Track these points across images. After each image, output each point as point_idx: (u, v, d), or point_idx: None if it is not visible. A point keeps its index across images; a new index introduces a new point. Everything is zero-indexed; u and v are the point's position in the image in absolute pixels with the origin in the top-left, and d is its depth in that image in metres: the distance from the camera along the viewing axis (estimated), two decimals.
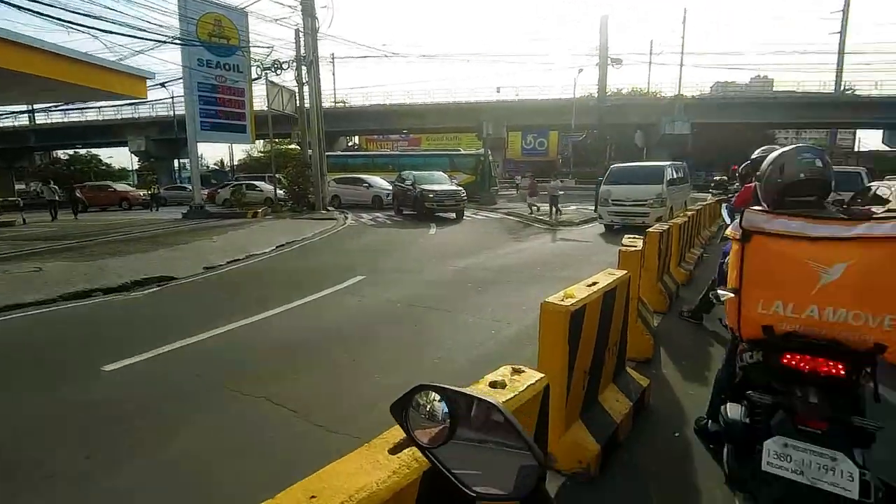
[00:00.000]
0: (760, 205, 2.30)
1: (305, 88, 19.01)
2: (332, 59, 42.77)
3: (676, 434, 2.83)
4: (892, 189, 7.21)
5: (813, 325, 1.76)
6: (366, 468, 1.12)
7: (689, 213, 8.16)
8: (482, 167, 22.98)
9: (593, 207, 14.70)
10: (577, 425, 2.56)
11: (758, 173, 2.42)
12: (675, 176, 13.06)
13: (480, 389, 1.53)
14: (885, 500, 1.62)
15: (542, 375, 1.63)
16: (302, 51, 18.47)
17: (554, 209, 15.00)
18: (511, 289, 6.48)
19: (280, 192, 20.87)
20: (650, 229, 5.52)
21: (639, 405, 3.02)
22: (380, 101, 42.38)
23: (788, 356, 1.80)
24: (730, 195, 7.87)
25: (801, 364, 1.76)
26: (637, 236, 4.63)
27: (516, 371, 1.65)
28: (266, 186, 22.62)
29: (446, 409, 0.61)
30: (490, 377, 1.60)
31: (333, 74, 48.80)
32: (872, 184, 8.61)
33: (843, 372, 1.71)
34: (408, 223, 15.11)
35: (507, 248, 10.06)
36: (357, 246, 11.08)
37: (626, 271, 3.36)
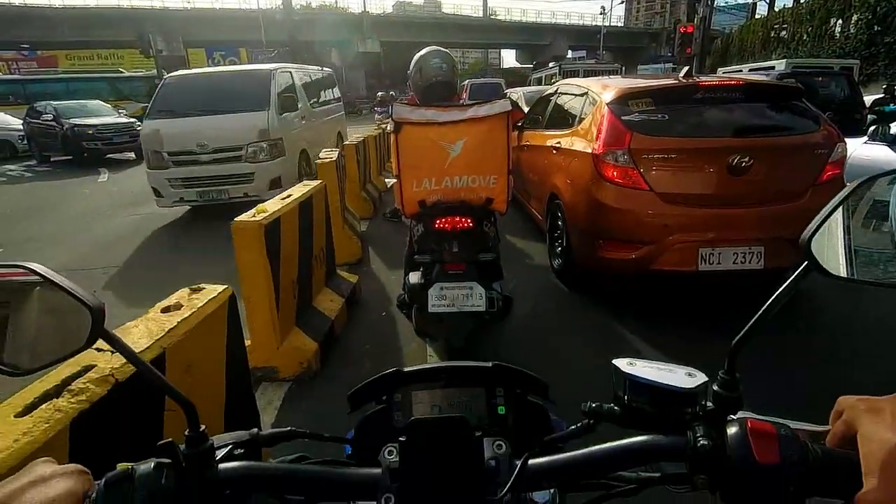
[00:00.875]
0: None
1: None
2: None
3: (384, 314, 3.29)
4: (518, 93, 9.61)
5: (449, 192, 2.23)
6: None
7: (379, 128, 8.15)
8: None
9: None
10: (294, 332, 2.67)
11: (407, 74, 2.75)
12: (296, 92, 6.90)
13: (152, 317, 1.38)
14: (504, 307, 2.31)
15: (224, 287, 1.59)
16: None
17: None
18: (223, 222, 5.89)
19: None
20: (346, 142, 5.77)
21: (351, 300, 3.34)
22: None
23: (438, 221, 2.25)
24: None
25: (446, 225, 2.24)
26: (332, 150, 4.78)
27: (195, 290, 1.56)
28: None
29: None
30: (162, 303, 1.47)
31: None
32: (507, 90, 11.33)
33: (471, 224, 2.25)
34: (63, 173, 11.20)
35: None
36: None
37: (321, 181, 3.47)
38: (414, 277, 2.41)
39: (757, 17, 23.55)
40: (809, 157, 2.90)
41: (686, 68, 3.41)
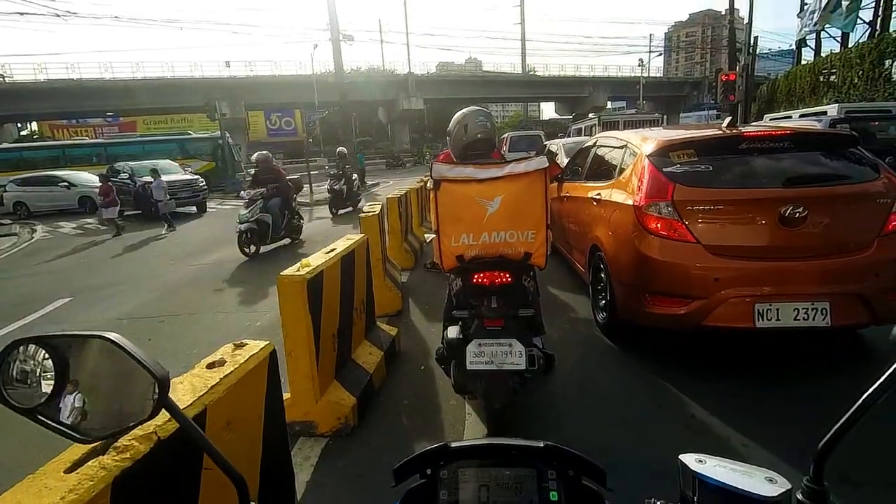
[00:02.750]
0: (453, 160, 2.75)
1: None
2: None
3: (423, 367, 3.25)
4: (558, 144, 9.70)
5: (487, 247, 2.24)
6: (26, 501, 0.93)
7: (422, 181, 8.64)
8: (221, 152, 20.66)
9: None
10: (333, 386, 2.67)
11: (448, 131, 2.86)
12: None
13: (197, 373, 1.43)
14: (545, 365, 2.23)
15: (266, 343, 1.63)
16: None
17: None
18: (270, 277, 6.15)
19: None
20: (389, 196, 5.99)
21: (391, 352, 3.33)
22: (62, 75, 33.00)
23: (476, 276, 2.25)
24: None
25: (484, 280, 2.23)
26: (376, 203, 4.96)
27: (238, 346, 1.60)
28: None
29: (48, 358, 0.53)
30: (208, 359, 1.52)
31: None
32: (547, 143, 11.50)
33: (510, 279, 2.23)
34: (132, 226, 12.38)
35: None
36: (57, 264, 8.66)
37: (363, 235, 3.58)
38: (452, 332, 2.39)
39: (803, 62, 23.14)
40: (871, 206, 2.72)
41: (729, 118, 3.35)
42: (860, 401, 0.42)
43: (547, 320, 2.94)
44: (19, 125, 36.43)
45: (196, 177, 14.94)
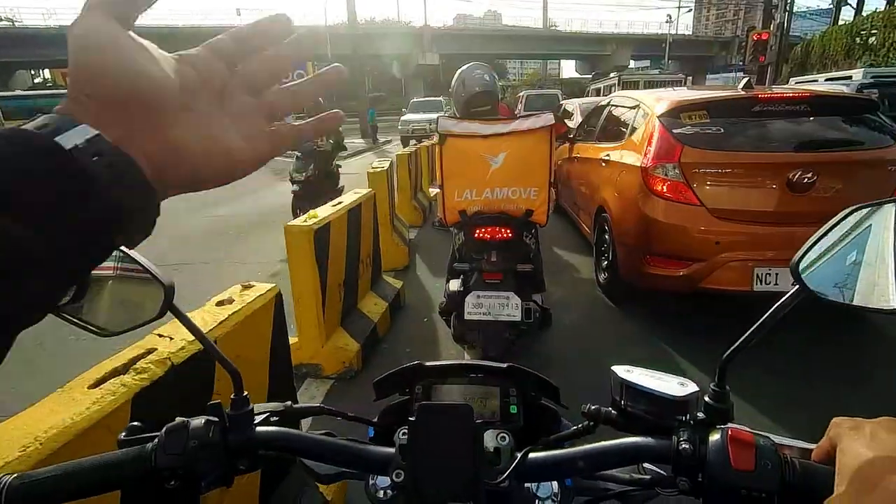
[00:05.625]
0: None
1: None
2: None
3: (426, 319, 3.37)
4: (574, 104, 9.45)
5: (489, 203, 2.28)
6: (56, 410, 1.05)
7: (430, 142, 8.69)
8: None
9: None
10: (339, 332, 2.80)
11: (450, 89, 2.84)
12: None
13: (207, 309, 1.53)
14: (541, 318, 2.31)
15: (273, 286, 1.72)
16: None
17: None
18: (274, 228, 6.27)
19: None
20: (398, 152, 5.98)
21: (396, 305, 3.45)
22: (71, 20, 32.46)
23: (478, 230, 2.30)
24: None
25: (486, 234, 2.28)
26: (385, 159, 4.97)
27: (246, 287, 1.69)
28: None
29: None
30: (217, 297, 1.61)
31: None
32: (563, 101, 11.17)
33: (510, 235, 2.28)
34: None
35: (272, 189, 9.53)
36: None
37: (370, 189, 3.62)
38: (454, 285, 2.47)
39: (841, 22, 21.79)
40: (882, 173, 2.68)
41: (746, 79, 3.26)
42: (757, 323, 0.48)
43: (550, 279, 3.00)
44: (32, 72, 36.25)
45: None
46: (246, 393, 0.59)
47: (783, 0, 18.74)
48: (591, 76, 38.86)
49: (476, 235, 2.30)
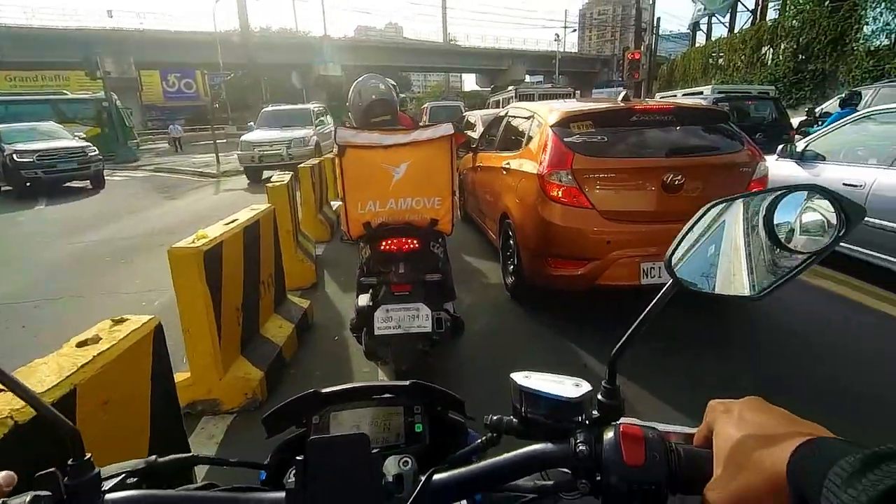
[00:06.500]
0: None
1: None
2: None
3: (336, 338, 3.23)
4: (476, 115, 9.82)
5: (394, 214, 2.24)
6: None
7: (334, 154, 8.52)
8: (109, 115, 18.30)
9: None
10: (239, 361, 2.58)
11: (347, 103, 2.79)
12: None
13: (65, 353, 1.31)
14: (453, 328, 2.31)
15: (151, 317, 1.53)
16: None
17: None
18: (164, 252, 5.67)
19: None
20: (301, 165, 5.73)
21: (303, 325, 3.26)
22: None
23: (384, 242, 2.25)
24: None
25: (392, 246, 2.24)
26: (285, 173, 4.73)
27: (117, 322, 1.49)
28: None
29: None
30: (79, 336, 1.39)
31: None
32: (465, 113, 11.63)
33: (417, 245, 2.26)
34: (4, 203, 10.31)
35: (158, 209, 8.66)
36: None
37: (270, 205, 3.41)
38: (363, 300, 2.39)
39: (697, 45, 25.20)
40: (736, 174, 3.09)
41: (624, 92, 3.59)
42: (640, 318, 0.49)
43: (460, 286, 3.03)
44: None
45: (86, 144, 12.31)
46: (89, 455, 0.48)
47: (650, 24, 21.21)
48: (490, 89, 40.70)
49: (382, 247, 2.25)
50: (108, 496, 0.47)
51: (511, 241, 3.60)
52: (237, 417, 2.40)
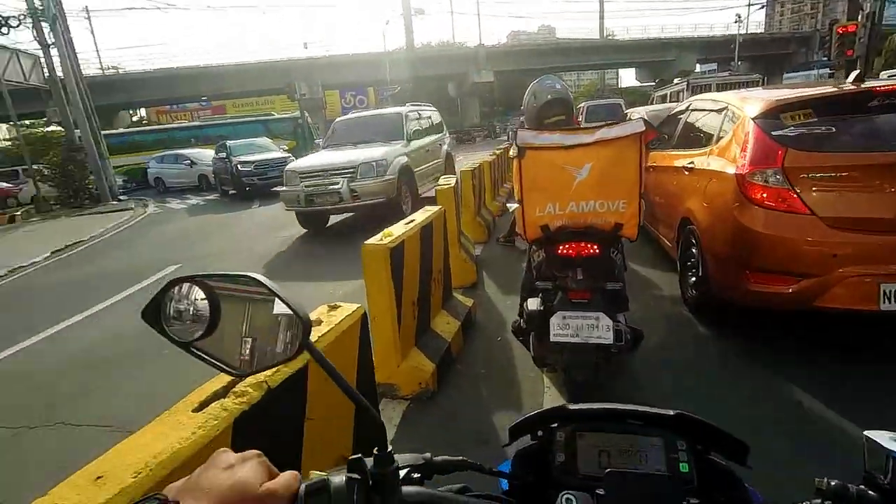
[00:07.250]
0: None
1: (54, 52, 15.13)
2: (87, 13, 34.71)
3: (499, 339, 3.25)
4: (639, 113, 9.11)
5: (574, 217, 2.15)
6: (165, 433, 1.05)
7: (494, 154, 8.53)
8: (301, 130, 21.73)
9: None
10: (414, 352, 2.75)
11: (521, 106, 2.78)
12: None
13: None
14: (632, 341, 2.13)
15: (358, 306, 1.69)
16: (37, 0, 14.46)
17: None
18: (349, 250, 6.43)
19: (46, 186, 16.37)
20: (462, 168, 5.96)
21: (467, 323, 3.36)
22: (163, 64, 36.19)
23: (561, 247, 2.18)
24: None
25: (570, 251, 2.15)
26: (451, 176, 4.97)
27: (332, 308, 1.68)
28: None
29: (204, 298, 0.57)
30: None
31: (92, 33, 39.92)
32: (627, 111, 10.84)
33: (597, 251, 2.14)
34: (228, 205, 12.84)
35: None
36: (163, 237, 9.64)
37: (440, 206, 3.60)
38: (533, 304, 2.35)
39: None
40: None
41: (857, 72, 2.91)
42: None
43: (630, 296, 2.79)
44: (131, 112, 40.52)
45: (288, 154, 14.42)
46: (391, 449, 0.51)
47: None
48: (654, 84, 37.43)
49: (560, 251, 2.18)
50: (405, 489, 0.48)
51: (694, 250, 3.21)
52: (411, 404, 2.57)
